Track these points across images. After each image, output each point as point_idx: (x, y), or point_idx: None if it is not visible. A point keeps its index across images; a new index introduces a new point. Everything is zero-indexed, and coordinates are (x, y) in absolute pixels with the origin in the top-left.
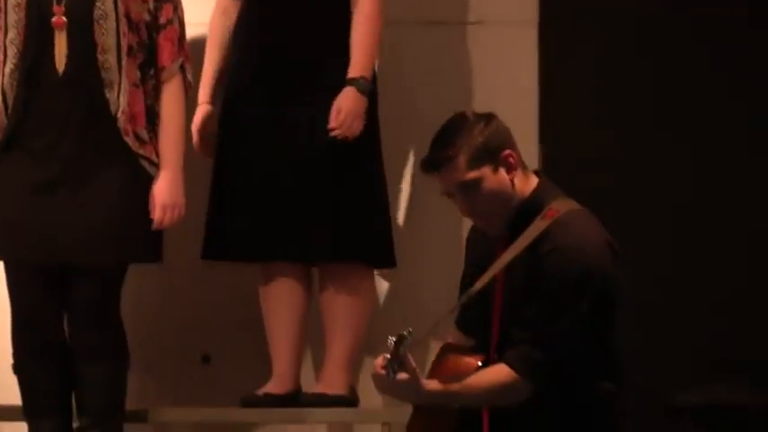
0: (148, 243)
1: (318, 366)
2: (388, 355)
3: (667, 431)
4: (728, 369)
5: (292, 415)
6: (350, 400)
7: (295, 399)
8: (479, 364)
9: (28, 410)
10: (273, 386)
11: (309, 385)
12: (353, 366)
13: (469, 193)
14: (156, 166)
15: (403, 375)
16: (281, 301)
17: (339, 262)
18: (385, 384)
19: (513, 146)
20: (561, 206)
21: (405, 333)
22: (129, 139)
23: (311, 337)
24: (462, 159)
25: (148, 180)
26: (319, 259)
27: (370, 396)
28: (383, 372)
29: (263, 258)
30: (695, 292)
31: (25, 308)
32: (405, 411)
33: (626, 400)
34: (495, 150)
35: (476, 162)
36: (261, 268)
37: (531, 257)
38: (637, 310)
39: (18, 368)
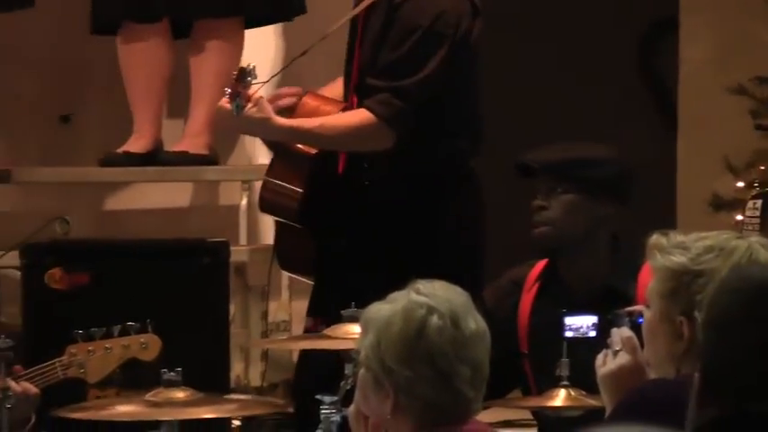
0: None
1: (180, 125)
2: (228, 90)
3: (520, 186)
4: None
5: (153, 174)
6: (211, 159)
7: (155, 157)
8: (338, 112)
9: None
10: (133, 144)
11: (172, 144)
12: (215, 126)
13: None
14: None
15: (252, 110)
16: (140, 57)
17: (217, 18)
18: (231, 118)
19: None
20: None
21: (245, 66)
22: None
23: (174, 95)
24: None
25: None
26: (199, 16)
27: (231, 155)
28: (227, 106)
29: (146, 20)
30: None
31: None
32: (262, 169)
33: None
34: None
35: None
36: (122, 30)
37: (388, 6)
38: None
39: None
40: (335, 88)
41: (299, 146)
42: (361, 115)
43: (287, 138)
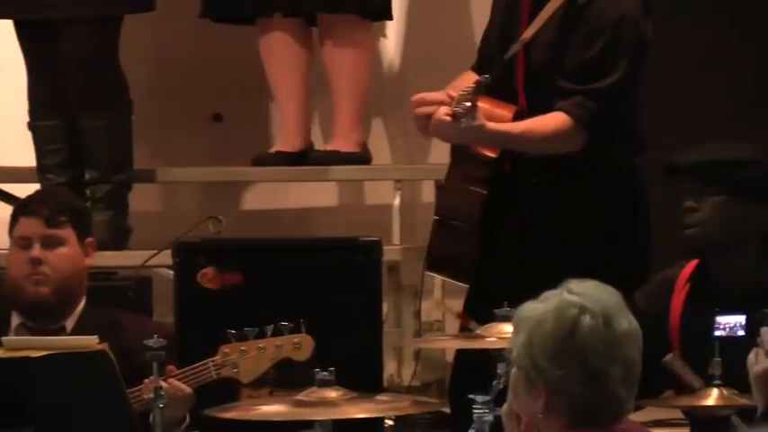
0: None
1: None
2: (468, 103)
3: (668, 188)
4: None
5: (305, 173)
6: (362, 157)
7: (307, 156)
8: (511, 116)
9: (41, 168)
10: (285, 144)
11: (322, 143)
12: (364, 122)
13: None
14: None
15: (471, 120)
16: (281, 59)
17: (334, 14)
18: (452, 130)
19: None
20: None
21: (482, 79)
22: None
23: (323, 94)
24: None
25: None
26: (314, 10)
27: (380, 154)
28: (449, 119)
29: (259, 14)
30: None
31: (31, 63)
32: (416, 169)
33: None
34: None
35: None
36: (259, 27)
37: (568, 7)
38: None
39: (32, 124)
40: (463, 83)
41: (482, 149)
42: (559, 119)
43: (497, 143)
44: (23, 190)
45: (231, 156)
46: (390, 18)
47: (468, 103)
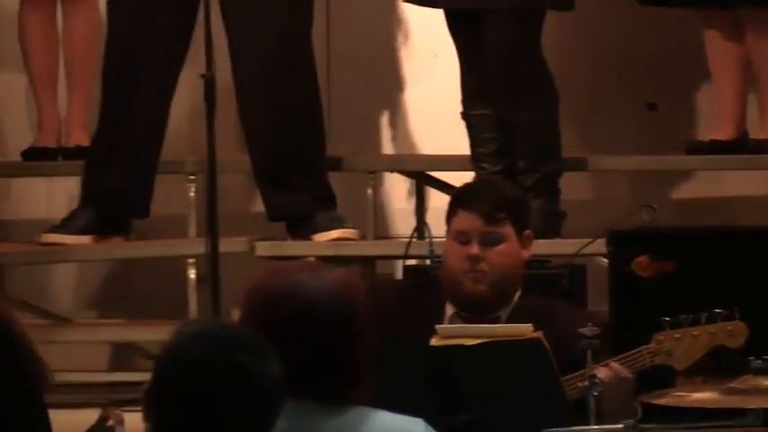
0: None
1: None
2: None
3: None
4: None
5: (737, 161)
6: None
7: (741, 144)
8: None
9: (475, 157)
10: (719, 132)
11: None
12: None
13: None
14: None
15: None
16: (720, 50)
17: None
18: None
19: None
20: None
21: None
22: None
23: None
24: None
25: None
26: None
27: None
28: None
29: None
30: None
31: (461, 53)
32: None
33: None
34: None
35: None
36: (702, 17)
37: None
38: None
39: (465, 113)
40: None
41: None
42: None
43: None
44: (458, 178)
45: (661, 144)
46: None
47: None
